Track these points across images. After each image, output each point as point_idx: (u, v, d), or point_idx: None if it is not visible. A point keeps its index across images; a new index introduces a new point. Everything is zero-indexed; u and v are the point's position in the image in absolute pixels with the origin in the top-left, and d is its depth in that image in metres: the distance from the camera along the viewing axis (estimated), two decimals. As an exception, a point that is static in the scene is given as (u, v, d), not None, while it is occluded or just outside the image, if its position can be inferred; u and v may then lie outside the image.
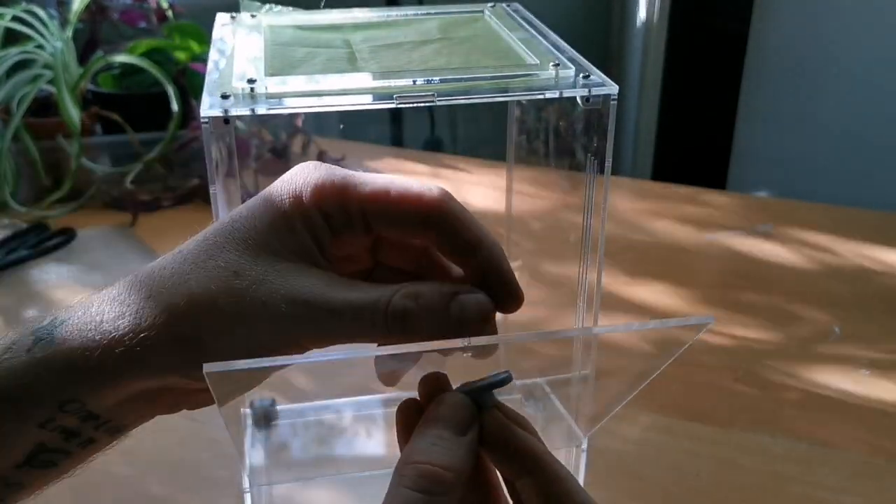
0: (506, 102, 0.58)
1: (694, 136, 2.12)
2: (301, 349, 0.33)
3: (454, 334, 0.33)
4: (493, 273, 0.35)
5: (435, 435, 0.32)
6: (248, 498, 0.53)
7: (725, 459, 0.67)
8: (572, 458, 0.55)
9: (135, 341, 0.32)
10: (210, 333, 0.32)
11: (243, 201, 0.45)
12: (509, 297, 0.36)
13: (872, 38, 1.63)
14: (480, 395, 0.34)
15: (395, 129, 1.84)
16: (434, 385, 0.34)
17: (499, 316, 0.36)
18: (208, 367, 0.29)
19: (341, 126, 1.32)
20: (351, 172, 0.35)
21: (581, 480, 0.55)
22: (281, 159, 1.19)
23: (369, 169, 1.23)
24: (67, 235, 0.99)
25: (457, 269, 0.38)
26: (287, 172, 0.36)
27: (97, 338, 0.32)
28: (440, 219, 0.35)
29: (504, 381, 0.34)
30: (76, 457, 0.34)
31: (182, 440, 0.69)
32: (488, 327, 0.34)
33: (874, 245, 1.01)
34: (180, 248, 0.34)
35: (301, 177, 0.35)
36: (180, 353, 0.32)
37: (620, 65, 2.15)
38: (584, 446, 0.54)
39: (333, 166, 0.35)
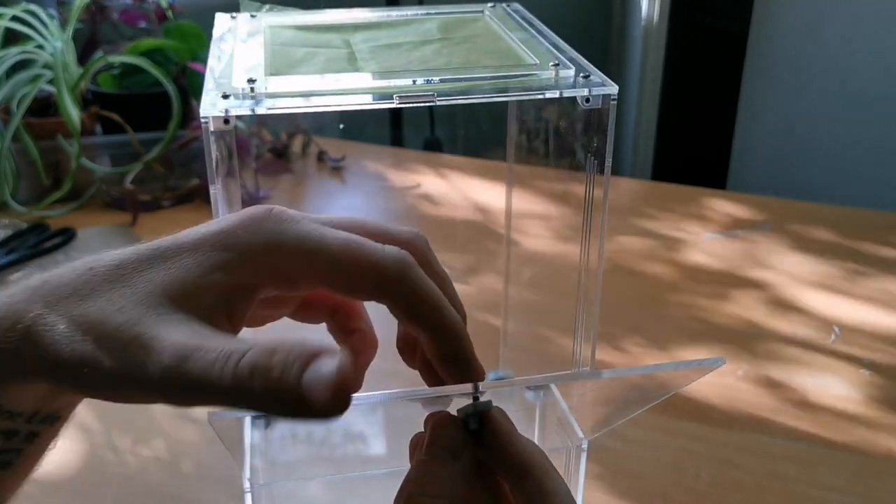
0: (506, 102, 0.58)
1: (694, 136, 2.12)
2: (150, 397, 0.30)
3: (298, 412, 0.28)
4: (450, 351, 0.34)
5: (426, 462, 0.32)
6: (248, 498, 0.53)
7: (725, 459, 0.67)
8: (572, 457, 0.55)
9: (6, 344, 0.30)
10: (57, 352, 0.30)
11: (243, 201, 0.45)
12: (465, 377, 0.34)
13: (872, 38, 1.63)
14: (476, 412, 0.34)
15: (395, 129, 1.84)
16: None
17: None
18: (215, 418, 0.29)
19: (341, 126, 1.32)
20: (298, 236, 0.31)
21: (581, 480, 0.55)
22: (281, 159, 1.20)
23: (369, 170, 1.23)
24: (67, 235, 0.99)
25: None
26: (230, 224, 0.32)
27: None
28: (394, 290, 0.32)
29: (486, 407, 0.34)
30: (30, 452, 0.33)
31: (182, 440, 0.69)
32: (338, 409, 0.28)
33: (874, 245, 1.01)
34: (93, 266, 0.31)
35: (241, 242, 0.31)
36: (34, 360, 0.30)
37: (620, 65, 2.15)
38: (585, 446, 0.54)
39: (282, 223, 0.32)
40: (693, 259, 0.97)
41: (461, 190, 1.14)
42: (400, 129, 1.85)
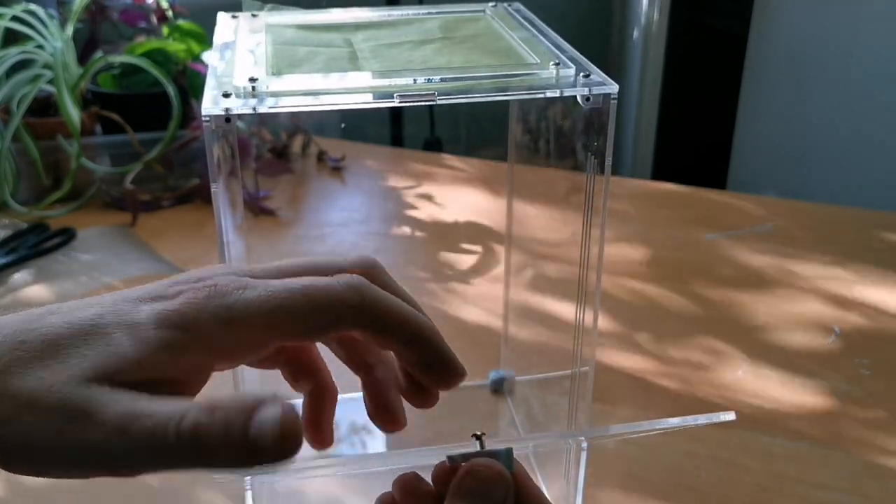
0: (506, 102, 0.58)
1: (694, 135, 2.12)
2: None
3: (250, 459, 0.28)
4: (429, 356, 0.34)
5: None
6: (248, 496, 0.53)
7: (725, 459, 0.67)
8: (572, 457, 0.55)
9: None
10: None
11: (245, 201, 0.45)
12: (449, 377, 0.34)
13: (872, 38, 1.63)
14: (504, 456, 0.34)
15: (395, 129, 1.84)
16: (410, 489, 0.34)
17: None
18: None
19: (342, 125, 1.32)
20: (248, 303, 0.30)
21: (581, 480, 0.55)
22: (281, 159, 1.20)
23: (369, 170, 1.23)
24: (67, 235, 0.99)
25: None
26: (178, 303, 0.30)
27: None
28: (360, 316, 0.32)
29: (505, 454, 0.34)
30: None
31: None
32: (290, 449, 0.28)
33: (874, 245, 1.01)
34: (25, 340, 0.29)
35: (189, 320, 0.30)
36: None
37: (620, 65, 2.15)
38: (585, 445, 0.54)
39: (228, 296, 0.31)
40: (693, 259, 0.97)
41: (461, 190, 1.14)
42: (400, 129, 1.85)
